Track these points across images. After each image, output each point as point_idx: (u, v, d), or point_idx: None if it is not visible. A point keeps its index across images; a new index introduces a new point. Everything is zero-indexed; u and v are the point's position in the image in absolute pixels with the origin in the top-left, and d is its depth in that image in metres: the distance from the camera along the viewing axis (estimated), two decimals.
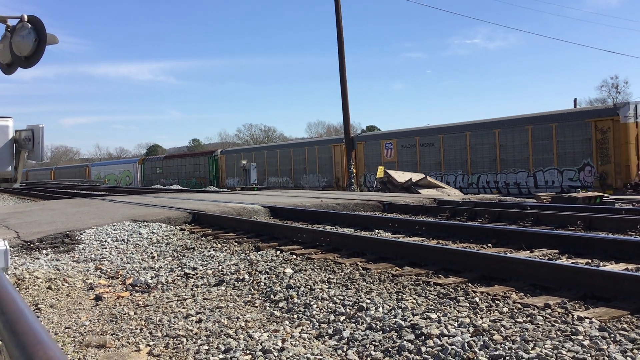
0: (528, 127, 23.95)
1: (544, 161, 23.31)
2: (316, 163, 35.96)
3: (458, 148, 26.95)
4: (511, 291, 4.95)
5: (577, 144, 22.25)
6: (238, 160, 42.26)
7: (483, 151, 25.91)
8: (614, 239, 6.67)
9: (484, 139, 25.79)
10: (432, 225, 9.06)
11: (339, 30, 26.03)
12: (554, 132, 22.94)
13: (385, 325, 4.10)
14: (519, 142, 24.32)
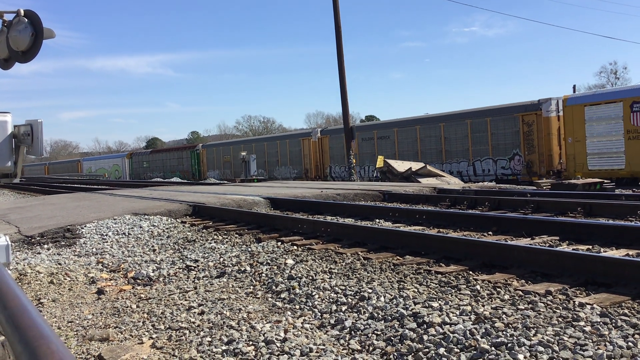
0: (468, 121, 26.20)
1: (481, 152, 25.55)
2: (287, 156, 38.31)
3: (410, 140, 29.23)
4: (512, 278, 4.96)
5: (508, 136, 24.56)
6: (218, 153, 45.62)
7: (431, 143, 28.14)
8: (615, 225, 6.68)
9: (432, 132, 28.05)
10: (433, 214, 9.07)
11: (336, 20, 25.92)
12: (489, 126, 25.25)
13: (387, 314, 4.11)
14: (460, 134, 26.61)
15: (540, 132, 23.33)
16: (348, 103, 26.53)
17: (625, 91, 20.66)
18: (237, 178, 34.51)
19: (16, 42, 4.94)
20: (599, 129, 20.97)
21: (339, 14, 25.92)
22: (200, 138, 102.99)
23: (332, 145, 34.49)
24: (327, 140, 35.10)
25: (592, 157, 21.31)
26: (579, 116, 21.50)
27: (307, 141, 36.77)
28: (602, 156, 20.96)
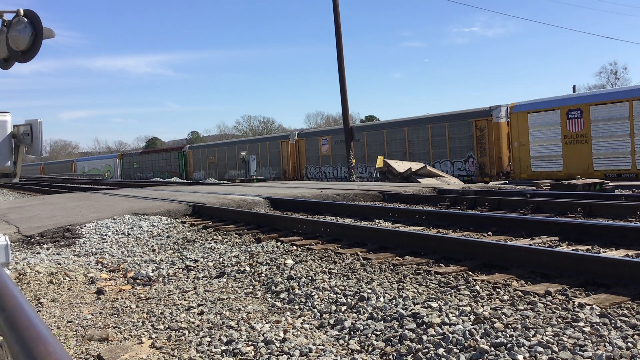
0: (428, 126, 28.43)
1: (440, 154, 27.60)
2: (267, 157, 40.39)
3: (378, 143, 31.27)
4: (512, 279, 4.96)
5: (463, 140, 26.50)
6: (204, 155, 48.04)
7: (397, 146, 30.20)
8: (614, 226, 6.68)
9: (397, 135, 30.14)
10: (432, 215, 9.07)
11: (336, 20, 25.92)
12: (447, 130, 27.32)
13: (386, 314, 4.11)
14: (422, 138, 28.81)
15: (491, 137, 25.27)
16: (348, 103, 26.53)
17: (562, 100, 22.34)
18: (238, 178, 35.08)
19: (16, 42, 4.93)
20: (540, 134, 22.71)
21: (338, 14, 25.92)
22: (200, 138, 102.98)
23: (308, 148, 36.41)
24: (303, 142, 36.98)
25: (534, 160, 22.96)
26: (524, 122, 23.23)
27: (285, 143, 38.60)
28: (543, 159, 22.64)
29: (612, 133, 20.54)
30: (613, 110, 20.46)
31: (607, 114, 20.62)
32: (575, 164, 21.47)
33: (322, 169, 35.17)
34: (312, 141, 36.16)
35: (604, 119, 20.69)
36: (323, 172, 34.80)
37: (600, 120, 20.79)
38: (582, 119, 21.19)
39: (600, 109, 20.73)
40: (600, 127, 20.81)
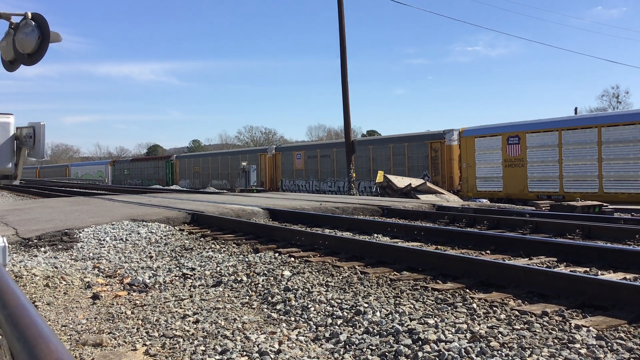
0: (390, 145, 30.74)
1: (400, 172, 29.15)
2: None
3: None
4: (509, 298, 4.95)
5: (420, 159, 28.98)
6: (189, 164, 50.83)
7: (362, 162, 32.10)
8: (613, 248, 6.67)
9: (363, 153, 31.69)
10: (431, 231, 9.06)
11: (341, 35, 26.04)
12: (406, 150, 29.79)
13: (382, 329, 4.09)
14: (385, 156, 31.10)
15: (444, 158, 27.71)
16: (350, 118, 26.61)
17: (503, 127, 24.73)
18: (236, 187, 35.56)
19: (22, 45, 4.96)
20: (485, 157, 25.13)
21: (344, 29, 26.05)
22: (201, 147, 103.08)
23: (284, 161, 38.64)
24: (280, 156, 39.15)
25: (480, 180, 25.16)
26: (471, 146, 25.61)
27: (263, 157, 40.93)
28: (487, 180, 24.91)
29: (544, 159, 22.75)
30: (545, 138, 22.73)
31: (540, 142, 22.91)
32: (513, 186, 23.73)
33: (295, 182, 37.01)
34: (287, 155, 38.31)
35: (538, 145, 22.97)
36: (297, 185, 36.65)
37: (534, 146, 23.14)
38: (520, 145, 23.59)
39: (535, 136, 23.14)
40: (535, 153, 23.12)
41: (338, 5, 25.99)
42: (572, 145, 21.84)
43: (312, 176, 35.16)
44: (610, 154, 20.67)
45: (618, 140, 20.52)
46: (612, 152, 20.65)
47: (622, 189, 20.35)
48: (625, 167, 20.20)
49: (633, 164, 20.02)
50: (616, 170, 20.48)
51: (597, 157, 21.05)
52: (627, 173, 20.18)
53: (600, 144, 20.99)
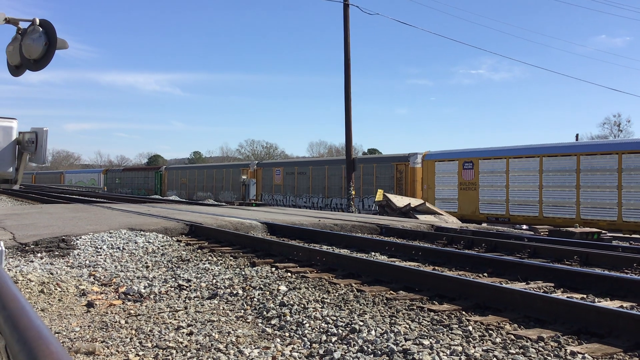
0: (360, 166, 32.10)
1: (369, 191, 31.12)
2: (230, 182, 44.46)
3: (320, 177, 35.21)
4: (505, 322, 4.93)
5: (387, 180, 30.41)
6: (177, 175, 52.77)
7: (335, 181, 33.82)
8: (610, 276, 6.66)
9: (336, 171, 33.67)
10: (429, 251, 9.04)
11: (346, 54, 26.19)
12: (375, 170, 31.29)
13: (377, 348, 4.07)
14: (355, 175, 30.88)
15: (408, 179, 29.38)
16: (352, 135, 26.68)
17: (460, 153, 26.65)
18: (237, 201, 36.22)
19: (29, 50, 4.98)
20: (443, 179, 26.88)
21: (349, 47, 26.20)
22: (202, 158, 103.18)
23: (264, 176, 40.66)
24: (260, 171, 41.16)
25: (438, 201, 26.62)
26: (432, 169, 27.44)
27: (246, 171, 42.69)
28: (444, 200, 26.51)
29: (494, 183, 24.53)
30: (495, 164, 24.60)
31: (491, 168, 24.70)
32: (466, 207, 25.41)
33: (274, 196, 38.98)
34: (268, 171, 40.47)
35: (489, 171, 24.80)
36: (275, 199, 38.60)
37: (486, 172, 24.96)
38: (473, 170, 25.45)
39: (487, 162, 24.98)
40: (486, 178, 24.93)
41: (344, 24, 26.17)
42: (518, 172, 23.62)
43: (289, 192, 37.33)
44: (549, 181, 22.42)
45: (556, 170, 22.26)
46: (551, 180, 22.39)
47: (558, 214, 22.08)
48: (562, 194, 21.99)
49: (568, 191, 21.79)
50: (554, 196, 22.25)
51: (539, 184, 22.75)
52: (563, 199, 22.00)
53: (541, 172, 22.76)
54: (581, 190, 21.34)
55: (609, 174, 20.70)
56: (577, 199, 21.44)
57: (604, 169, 20.90)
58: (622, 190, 20.32)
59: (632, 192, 20.05)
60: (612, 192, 20.53)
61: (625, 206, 20.13)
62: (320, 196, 34.75)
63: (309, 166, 36.57)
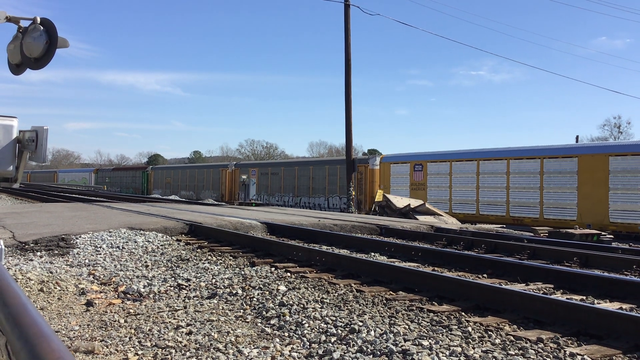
0: (326, 167, 35.31)
1: (333, 190, 34.21)
2: (210, 182, 46.99)
3: (291, 178, 37.93)
4: (504, 323, 4.93)
5: None
6: (162, 175, 55.27)
7: (303, 181, 36.69)
8: (610, 278, 6.66)
9: (304, 172, 36.65)
10: (428, 252, 9.04)
11: (346, 53, 26.19)
12: (338, 171, 33.56)
13: (376, 349, 4.07)
14: (321, 176, 35.43)
15: (368, 179, 31.83)
16: (352, 136, 26.68)
17: (411, 156, 29.70)
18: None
19: (30, 49, 4.98)
20: (397, 181, 29.72)
21: (349, 47, 26.20)
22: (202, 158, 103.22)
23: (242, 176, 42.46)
24: (237, 172, 43.49)
25: None
26: (388, 171, 30.32)
27: (224, 171, 45.35)
28: None
29: (439, 184, 27.33)
30: (440, 167, 27.42)
31: (437, 170, 27.51)
32: None
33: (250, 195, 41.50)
34: (244, 171, 42.75)
35: (435, 173, 27.63)
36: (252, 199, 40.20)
37: (433, 174, 27.72)
38: (423, 172, 28.29)
39: (434, 165, 27.77)
40: (433, 179, 27.68)
41: (345, 24, 26.17)
42: (459, 174, 26.41)
43: (263, 191, 40.15)
44: (484, 182, 25.32)
45: (490, 172, 25.15)
46: (486, 182, 25.27)
47: (492, 211, 24.73)
48: (495, 194, 24.78)
49: (500, 192, 24.63)
50: (489, 196, 25.17)
51: (476, 185, 25.56)
52: (495, 199, 24.79)
53: (478, 174, 25.50)
54: (510, 191, 24.22)
55: (533, 176, 23.52)
56: (507, 198, 24.42)
57: (529, 172, 23.68)
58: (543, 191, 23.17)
59: (552, 192, 22.89)
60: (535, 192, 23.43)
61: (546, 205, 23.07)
62: (290, 195, 37.55)
63: (281, 167, 39.74)
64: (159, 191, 53.60)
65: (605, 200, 21.22)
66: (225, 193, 44.64)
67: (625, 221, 20.74)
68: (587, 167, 21.86)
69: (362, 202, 31.93)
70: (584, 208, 21.93)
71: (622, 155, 21.12)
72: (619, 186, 20.97)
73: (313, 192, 35.80)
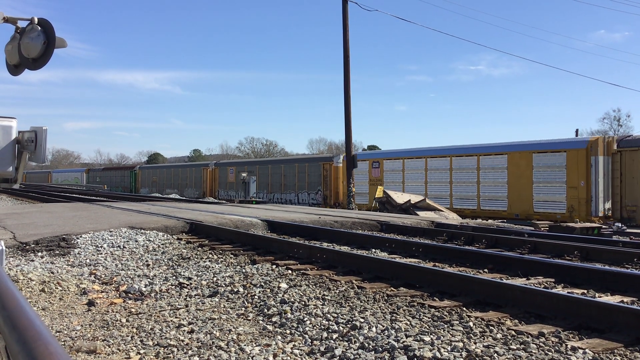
0: (296, 165, 38.52)
1: (302, 186, 37.44)
2: (193, 180, 49.93)
3: (265, 176, 41.04)
4: (506, 317, 4.94)
5: (316, 177, 36.54)
6: (149, 174, 58.51)
7: (276, 178, 39.97)
8: (611, 271, 6.66)
9: (277, 170, 39.94)
10: (429, 248, 9.04)
11: (345, 49, 26.16)
12: (307, 169, 37.22)
13: (378, 345, 4.08)
14: (292, 174, 38.58)
15: (332, 176, 35.14)
16: (351, 132, 26.66)
17: (370, 154, 33.81)
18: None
19: (27, 49, 4.97)
20: (358, 177, 31.45)
21: (348, 44, 26.17)
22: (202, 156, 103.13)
23: (220, 175, 46.40)
24: (217, 170, 46.71)
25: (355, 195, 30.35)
26: None
27: (205, 170, 48.35)
28: (359, 195, 31.28)
29: (393, 179, 30.10)
30: (394, 164, 30.34)
31: (392, 167, 30.46)
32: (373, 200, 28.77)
33: (228, 192, 44.44)
34: (223, 170, 46.13)
35: (390, 169, 30.53)
36: (229, 195, 43.53)
37: (388, 170, 30.57)
38: (379, 169, 31.08)
39: (389, 162, 30.56)
40: (388, 175, 30.51)
41: (343, 20, 26.14)
42: (410, 170, 29.27)
43: (240, 188, 42.39)
44: (432, 177, 28.09)
45: (436, 168, 27.92)
46: (433, 177, 28.03)
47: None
48: (440, 188, 27.28)
49: (444, 186, 27.30)
50: (436, 190, 27.59)
51: (424, 180, 28.46)
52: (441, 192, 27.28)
53: (426, 170, 28.43)
54: (453, 185, 26.83)
55: (471, 171, 26.18)
56: (451, 192, 26.96)
57: (468, 168, 26.40)
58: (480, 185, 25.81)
59: (487, 186, 25.48)
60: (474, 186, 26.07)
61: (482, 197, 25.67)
62: (264, 191, 40.36)
63: (256, 166, 42.86)
64: (146, 189, 56.45)
65: (530, 192, 23.78)
66: (206, 190, 47.38)
67: (546, 211, 23.23)
68: (515, 163, 24.47)
69: (328, 197, 35.27)
70: (513, 200, 24.49)
71: (543, 153, 23.68)
72: (541, 180, 23.50)
73: (285, 189, 38.89)
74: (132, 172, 61.64)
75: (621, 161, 22.01)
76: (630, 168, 21.81)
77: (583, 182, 22.20)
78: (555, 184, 23.02)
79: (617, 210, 22.07)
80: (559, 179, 22.95)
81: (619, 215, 22.01)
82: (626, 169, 21.91)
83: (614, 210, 22.24)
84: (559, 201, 22.95)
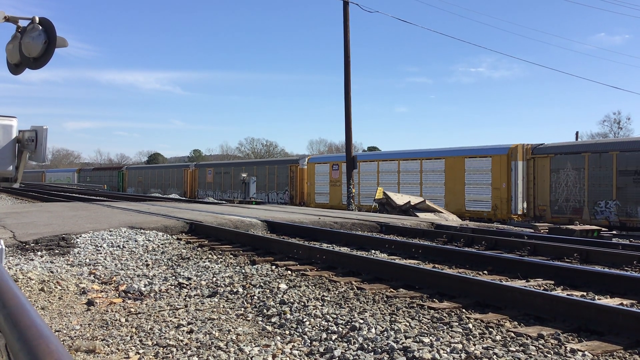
0: (266, 167, 41.48)
1: (272, 187, 40.09)
2: (175, 181, 52.56)
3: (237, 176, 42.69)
4: (505, 319, 4.93)
5: (284, 178, 39.12)
6: (135, 174, 60.93)
7: None
8: (610, 273, 6.66)
9: (250, 171, 41.77)
10: (429, 249, 9.04)
11: (346, 51, 26.15)
12: (276, 171, 39.92)
13: (377, 346, 4.08)
14: (263, 175, 41.18)
15: (298, 177, 37.42)
16: (352, 134, 26.65)
17: (330, 157, 36.41)
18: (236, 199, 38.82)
19: (28, 49, 4.98)
20: (319, 178, 34.87)
21: (349, 45, 26.16)
22: (202, 157, 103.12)
23: (200, 176, 48.85)
24: (197, 171, 49.41)
25: (317, 195, 35.06)
26: (313, 170, 35.70)
27: (186, 171, 50.90)
28: (320, 194, 34.67)
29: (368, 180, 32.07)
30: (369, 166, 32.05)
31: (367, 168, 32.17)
32: (334, 199, 33.29)
33: (207, 192, 46.74)
34: (202, 171, 48.70)
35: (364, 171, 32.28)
36: (207, 195, 45.83)
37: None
38: (339, 171, 33.16)
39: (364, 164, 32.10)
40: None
41: (344, 22, 26.14)
42: (365, 173, 31.60)
43: (218, 188, 45.34)
44: (383, 179, 30.53)
45: (387, 170, 30.67)
46: (384, 179, 30.51)
47: None
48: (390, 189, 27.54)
49: (393, 187, 29.16)
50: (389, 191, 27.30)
51: (376, 182, 30.59)
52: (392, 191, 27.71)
53: (378, 172, 31.02)
54: (400, 186, 29.27)
55: (416, 174, 29.06)
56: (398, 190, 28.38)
57: (413, 171, 29.22)
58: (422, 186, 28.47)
59: (428, 187, 28.16)
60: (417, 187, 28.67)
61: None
62: (239, 191, 42.24)
63: (231, 167, 45.43)
64: (132, 189, 59.29)
65: (463, 193, 26.47)
66: (187, 190, 49.92)
67: (476, 209, 25.89)
68: (451, 166, 27.23)
69: (294, 197, 37.55)
70: (449, 199, 27.08)
71: (473, 158, 26.40)
72: (472, 182, 26.20)
73: (257, 189, 41.17)
74: (120, 172, 64.15)
75: (534, 166, 24.42)
76: (541, 173, 24.14)
77: (505, 183, 24.82)
78: (483, 185, 25.73)
79: (531, 209, 24.43)
80: (485, 181, 25.63)
81: (532, 213, 24.38)
82: (538, 173, 24.28)
83: (529, 209, 24.54)
84: (486, 200, 25.57)
